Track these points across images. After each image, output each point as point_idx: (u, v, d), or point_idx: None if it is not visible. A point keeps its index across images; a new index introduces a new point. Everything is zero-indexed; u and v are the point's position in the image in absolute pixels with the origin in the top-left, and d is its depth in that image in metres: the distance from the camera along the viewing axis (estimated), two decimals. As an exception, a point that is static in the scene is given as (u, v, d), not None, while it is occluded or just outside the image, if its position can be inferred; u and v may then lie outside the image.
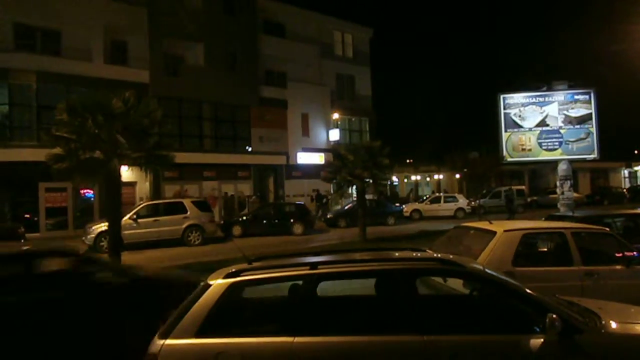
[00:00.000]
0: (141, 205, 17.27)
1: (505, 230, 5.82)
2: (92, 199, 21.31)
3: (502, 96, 24.23)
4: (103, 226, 14.32)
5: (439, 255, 4.18)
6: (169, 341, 3.18)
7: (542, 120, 24.85)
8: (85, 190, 21.14)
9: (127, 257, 11.84)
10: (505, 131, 24.72)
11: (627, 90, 40.57)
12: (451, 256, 4.09)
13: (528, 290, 3.40)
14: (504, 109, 25.29)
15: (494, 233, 5.81)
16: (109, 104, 9.79)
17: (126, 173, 11.46)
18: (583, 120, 24.25)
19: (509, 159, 24.98)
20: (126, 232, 14.36)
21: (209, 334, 3.19)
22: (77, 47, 21.23)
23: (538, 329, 3.15)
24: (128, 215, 15.85)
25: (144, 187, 22.41)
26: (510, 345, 3.17)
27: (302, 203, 22.73)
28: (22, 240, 14.08)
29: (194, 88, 24.18)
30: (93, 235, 15.46)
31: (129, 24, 22.59)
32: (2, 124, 20.05)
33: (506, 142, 25.71)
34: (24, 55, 19.79)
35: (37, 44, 20.80)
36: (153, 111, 10.62)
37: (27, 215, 19.62)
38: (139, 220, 16.16)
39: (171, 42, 23.81)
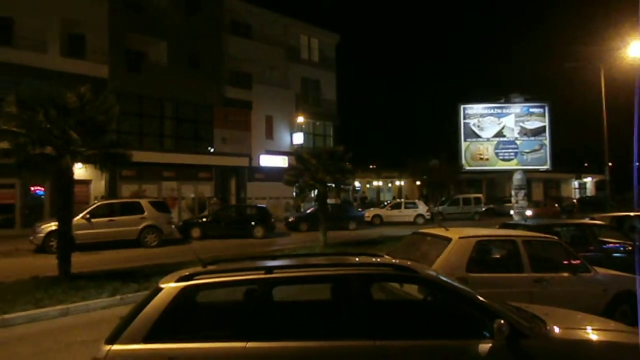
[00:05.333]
0: (95, 205, 16.64)
1: (460, 237, 5.96)
2: (43, 196, 20.36)
3: (462, 106, 24.94)
4: (53, 225, 13.67)
5: (395, 261, 4.22)
6: (115, 347, 3.07)
7: (500, 131, 25.77)
8: (35, 187, 20.17)
9: (79, 259, 11.38)
10: (465, 140, 25.44)
11: (578, 105, 42.70)
12: (408, 262, 4.14)
13: (479, 296, 3.48)
14: (464, 118, 26.01)
15: (449, 240, 5.94)
16: (63, 98, 9.38)
17: (80, 171, 10.99)
18: (537, 132, 25.26)
19: (468, 168, 25.74)
20: (78, 232, 13.82)
21: (158, 340, 3.10)
22: (31, 37, 20.25)
23: (487, 334, 3.23)
24: (81, 215, 15.26)
25: (99, 185, 21.62)
26: (460, 350, 3.23)
27: (264, 206, 22.55)
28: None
29: (156, 86, 23.60)
30: (42, 235, 14.77)
31: (89, 17, 21.79)
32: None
33: (465, 151, 26.42)
34: (-29, 42, 18.77)
35: (-13, 31, 19.75)
36: (110, 107, 10.23)
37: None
38: (93, 220, 15.57)
39: (133, 38, 23.16)
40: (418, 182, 40.31)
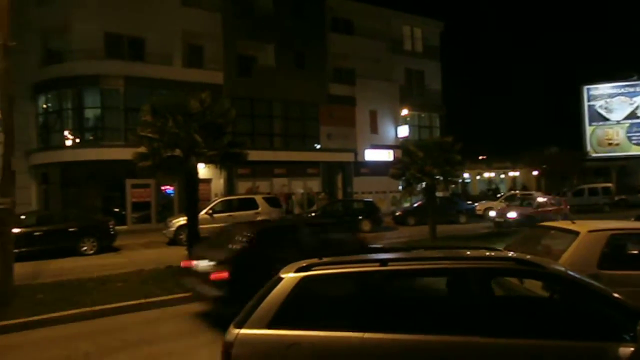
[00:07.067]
0: (216, 201, 18.06)
1: (589, 230, 5.45)
2: (172, 194, 22.66)
3: (585, 87, 22.59)
4: (182, 220, 15.15)
5: (516, 255, 4.00)
6: (243, 331, 3.31)
7: (632, 112, 22.85)
8: (166, 187, 22.52)
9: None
10: (590, 125, 23.04)
11: None
12: (528, 256, 3.90)
13: (616, 295, 3.17)
14: (588, 101, 23.54)
15: (577, 233, 5.45)
16: (187, 104, 10.37)
17: (203, 170, 12.07)
18: (682, 111, 21.94)
19: (594, 155, 23.26)
20: (203, 226, 14.93)
21: (281, 326, 3.27)
22: (158, 52, 22.68)
23: (628, 337, 2.93)
24: (204, 210, 16.55)
25: (218, 183, 23.46)
26: (595, 352, 2.97)
27: (371, 200, 22.63)
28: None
29: (265, 88, 24.90)
30: (173, 229, 16.39)
31: (205, 29, 23.74)
32: (95, 126, 21.91)
33: (590, 136, 23.90)
34: (113, 62, 21.49)
35: (125, 51, 22.46)
36: (227, 111, 11.11)
37: (116, 209, 21.28)
38: (215, 215, 16.87)
39: (243, 44, 24.68)
40: (535, 172, 37.37)
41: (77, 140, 21.36)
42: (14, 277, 8.74)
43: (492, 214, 21.37)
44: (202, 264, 7.00)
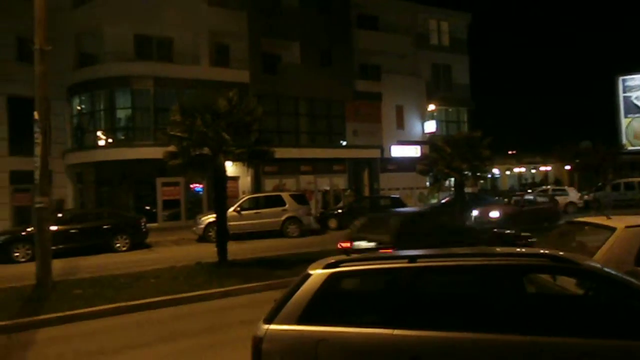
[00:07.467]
0: (244, 199, 18.26)
1: (627, 226, 5.28)
2: (201, 192, 23.04)
3: (621, 78, 21.78)
4: (211, 217, 15.40)
5: (549, 251, 3.91)
6: (272, 326, 3.34)
7: (672, 103, 21.87)
8: (194, 185, 22.92)
9: (233, 247, 12.61)
10: (626, 117, 22.18)
11: None
12: (561, 253, 3.81)
13: (656, 293, 3.06)
14: (624, 92, 22.68)
15: (613, 229, 5.29)
16: (215, 103, 10.52)
17: (230, 168, 12.25)
18: None
19: (630, 148, 22.38)
20: (231, 223, 15.13)
21: (310, 322, 3.29)
22: (186, 52, 23.04)
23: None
24: (232, 208, 16.75)
25: (246, 181, 23.69)
26: (632, 350, 2.89)
27: (398, 196, 22.47)
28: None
29: (291, 85, 24.96)
30: (202, 226, 16.68)
31: (231, 28, 23.97)
32: (127, 126, 22.47)
33: (626, 128, 23.04)
34: (143, 63, 21.95)
35: (154, 52, 22.90)
36: (254, 109, 11.22)
37: (148, 207, 21.79)
38: (242, 213, 17.10)
39: (269, 42, 24.80)
40: (567, 167, 36.33)
41: (110, 140, 21.95)
42: (52, 272, 9.10)
43: (475, 213, 19.54)
44: (363, 244, 8.28)
